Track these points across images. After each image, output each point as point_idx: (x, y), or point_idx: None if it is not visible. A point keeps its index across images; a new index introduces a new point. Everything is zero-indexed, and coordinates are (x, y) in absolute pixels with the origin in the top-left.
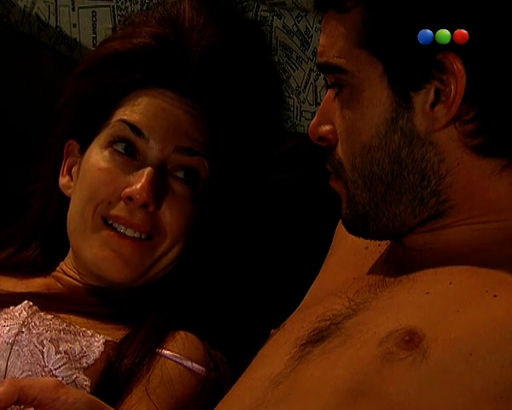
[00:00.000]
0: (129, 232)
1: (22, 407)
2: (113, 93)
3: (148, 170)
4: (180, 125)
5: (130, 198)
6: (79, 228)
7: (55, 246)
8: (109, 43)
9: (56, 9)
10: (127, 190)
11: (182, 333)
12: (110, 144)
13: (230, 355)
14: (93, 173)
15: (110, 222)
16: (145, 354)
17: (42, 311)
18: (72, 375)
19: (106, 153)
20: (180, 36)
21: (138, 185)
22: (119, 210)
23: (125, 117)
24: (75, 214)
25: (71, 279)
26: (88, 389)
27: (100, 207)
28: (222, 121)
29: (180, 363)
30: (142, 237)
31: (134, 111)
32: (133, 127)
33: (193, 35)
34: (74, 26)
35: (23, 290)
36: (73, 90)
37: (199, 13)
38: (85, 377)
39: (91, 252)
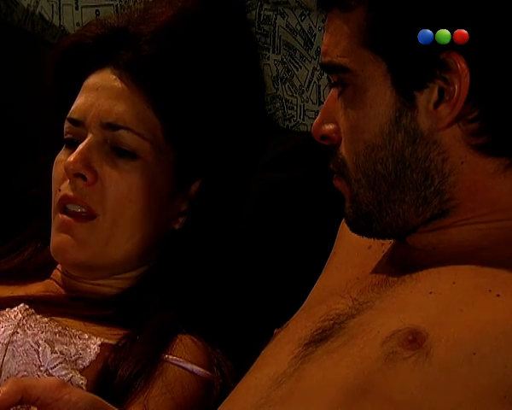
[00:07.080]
0: (75, 208)
1: (19, 406)
2: (70, 90)
3: (80, 145)
4: (107, 101)
5: (66, 172)
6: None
7: None
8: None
9: (60, 8)
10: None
11: (185, 337)
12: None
13: (234, 355)
14: (53, 172)
15: (62, 207)
16: (148, 359)
17: (38, 314)
18: (68, 374)
19: (63, 149)
20: (128, 21)
21: (71, 158)
22: (64, 190)
23: (69, 114)
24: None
25: (63, 275)
26: (84, 389)
27: (55, 198)
28: (159, 92)
29: (184, 367)
30: (88, 213)
31: (76, 102)
32: (72, 121)
33: (142, 17)
34: (78, 25)
35: (21, 294)
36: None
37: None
38: (81, 377)
39: (51, 243)
